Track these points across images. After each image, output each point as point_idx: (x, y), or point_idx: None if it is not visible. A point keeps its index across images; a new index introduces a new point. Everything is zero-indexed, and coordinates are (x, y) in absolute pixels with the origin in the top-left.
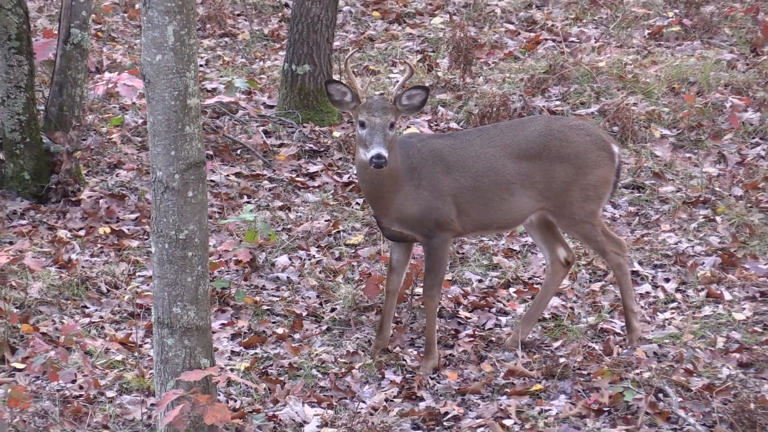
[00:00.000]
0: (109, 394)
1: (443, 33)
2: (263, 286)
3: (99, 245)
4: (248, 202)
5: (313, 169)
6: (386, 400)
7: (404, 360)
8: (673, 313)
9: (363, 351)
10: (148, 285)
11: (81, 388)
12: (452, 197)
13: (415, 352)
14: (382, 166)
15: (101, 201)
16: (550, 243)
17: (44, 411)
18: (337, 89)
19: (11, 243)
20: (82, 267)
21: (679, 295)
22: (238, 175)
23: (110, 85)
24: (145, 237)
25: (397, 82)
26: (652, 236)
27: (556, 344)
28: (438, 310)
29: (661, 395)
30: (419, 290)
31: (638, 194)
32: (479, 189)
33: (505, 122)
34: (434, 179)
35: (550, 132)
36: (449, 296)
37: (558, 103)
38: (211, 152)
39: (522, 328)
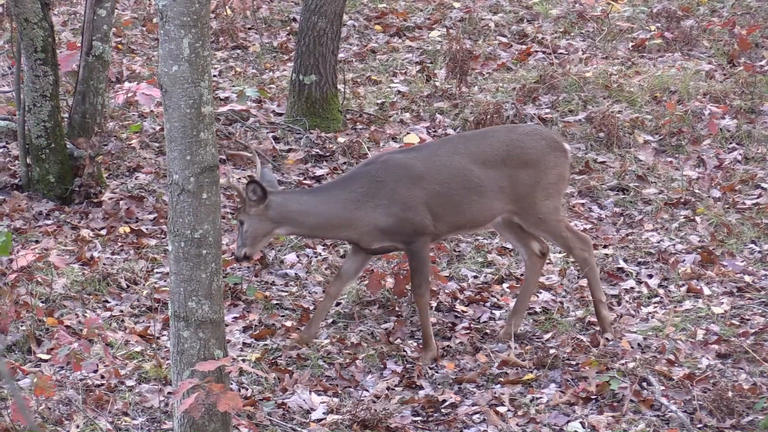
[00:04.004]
0: (129, 383)
1: (441, 45)
2: (273, 282)
3: (119, 244)
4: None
5: (319, 172)
6: (388, 388)
7: (405, 351)
8: (655, 307)
9: (366, 343)
10: (165, 281)
11: (102, 377)
12: (424, 205)
13: (415, 344)
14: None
15: (121, 202)
16: (523, 239)
17: (68, 399)
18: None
19: (37, 241)
20: (104, 264)
21: (661, 290)
22: (249, 178)
23: (130, 94)
24: (163, 236)
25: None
26: (636, 235)
27: (546, 336)
28: (436, 304)
29: (644, 384)
30: None
31: (623, 196)
32: (449, 194)
33: (470, 132)
34: (401, 193)
35: (510, 141)
36: (446, 291)
37: (548, 110)
38: (223, 157)
39: (514, 321)
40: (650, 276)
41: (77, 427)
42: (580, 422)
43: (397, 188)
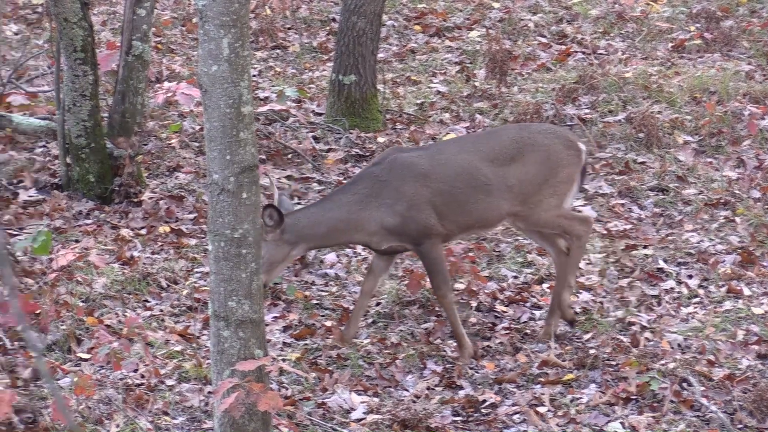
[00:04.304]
0: (169, 382)
1: (480, 45)
2: (313, 281)
3: (159, 243)
4: (298, 203)
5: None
6: (428, 388)
7: (444, 351)
8: (695, 307)
9: (406, 342)
10: (205, 280)
11: (142, 376)
12: (429, 204)
13: (455, 344)
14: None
15: (161, 202)
16: (548, 237)
17: (108, 398)
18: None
19: (77, 241)
20: (144, 263)
21: (701, 291)
22: (289, 177)
23: (169, 94)
24: (202, 236)
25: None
26: (676, 236)
27: (586, 336)
28: (476, 304)
29: (684, 384)
30: (458, 285)
31: (663, 196)
32: (454, 193)
33: (481, 131)
34: (405, 191)
35: (521, 138)
36: (486, 292)
37: (587, 111)
38: (263, 157)
39: (552, 321)
40: (690, 276)
41: (117, 426)
42: (620, 422)
43: (400, 187)
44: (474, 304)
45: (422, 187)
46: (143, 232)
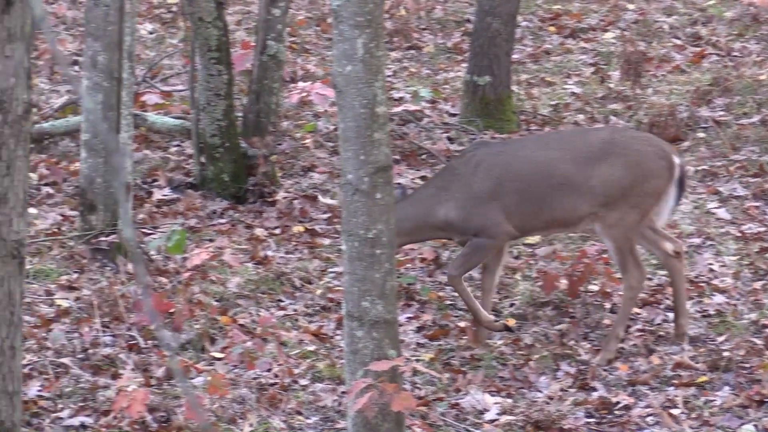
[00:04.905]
0: (303, 382)
1: (615, 47)
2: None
3: (293, 243)
4: None
5: None
6: (561, 389)
7: (578, 353)
8: None
9: (539, 344)
10: (338, 280)
11: (276, 376)
12: (498, 201)
13: (589, 346)
14: None
15: (295, 202)
16: (654, 241)
17: (241, 398)
18: None
19: (211, 240)
20: (278, 263)
21: None
22: (423, 178)
23: (304, 94)
24: (336, 236)
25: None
26: None
27: (720, 339)
28: (610, 306)
29: None
30: (592, 287)
31: None
32: (528, 191)
33: (570, 129)
34: (474, 187)
35: (612, 140)
36: (620, 293)
37: (722, 113)
38: (397, 157)
39: (682, 323)
40: None
41: (250, 425)
42: (754, 425)
43: (471, 181)
44: (608, 306)
45: (493, 184)
46: (277, 231)
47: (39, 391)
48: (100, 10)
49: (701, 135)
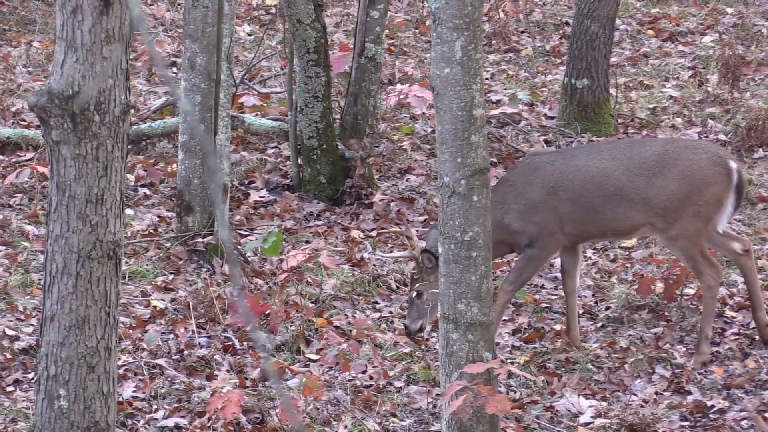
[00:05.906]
0: (397, 384)
1: (713, 51)
2: (542, 285)
3: (389, 245)
4: None
5: None
6: (656, 393)
7: (674, 356)
8: None
9: (635, 347)
10: None
11: (371, 378)
12: (551, 210)
13: (684, 349)
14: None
15: (392, 204)
16: (722, 243)
17: (336, 399)
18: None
19: (307, 242)
20: (374, 265)
21: None
22: None
23: (401, 96)
24: None
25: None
26: None
27: None
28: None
29: None
30: (688, 290)
31: None
32: (580, 201)
33: (624, 139)
34: (528, 196)
35: (665, 152)
36: (716, 297)
37: None
38: (495, 160)
39: (760, 315)
40: None
41: (345, 427)
42: None
43: (525, 191)
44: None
45: (546, 194)
46: (373, 233)
47: (134, 392)
48: (198, 11)
49: None
